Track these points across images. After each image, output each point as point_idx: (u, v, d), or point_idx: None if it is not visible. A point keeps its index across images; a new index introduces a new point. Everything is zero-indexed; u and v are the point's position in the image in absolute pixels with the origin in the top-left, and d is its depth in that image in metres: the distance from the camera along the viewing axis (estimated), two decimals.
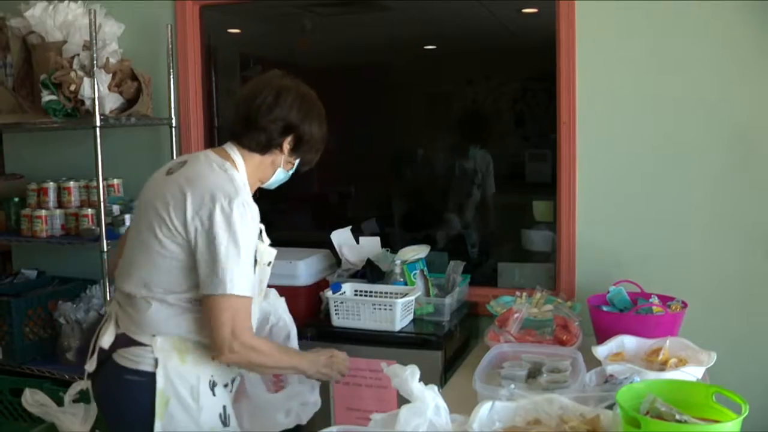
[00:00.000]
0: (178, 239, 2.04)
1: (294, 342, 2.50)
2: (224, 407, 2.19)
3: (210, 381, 2.15)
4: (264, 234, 2.23)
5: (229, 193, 2.04)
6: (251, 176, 2.22)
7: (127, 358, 2.12)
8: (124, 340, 2.13)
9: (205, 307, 2.04)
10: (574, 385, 2.01)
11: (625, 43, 2.98)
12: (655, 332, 2.32)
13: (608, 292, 2.73)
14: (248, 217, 2.05)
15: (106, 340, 2.15)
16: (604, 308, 2.67)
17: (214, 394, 2.15)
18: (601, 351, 2.21)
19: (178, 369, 2.09)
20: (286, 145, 2.23)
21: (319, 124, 2.27)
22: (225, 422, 2.19)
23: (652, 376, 1.97)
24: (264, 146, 2.21)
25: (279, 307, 2.50)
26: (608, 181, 3.05)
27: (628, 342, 2.27)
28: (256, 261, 2.13)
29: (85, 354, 2.31)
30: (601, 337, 2.44)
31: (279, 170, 2.28)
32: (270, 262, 2.26)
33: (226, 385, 2.23)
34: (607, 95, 3.01)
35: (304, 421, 2.46)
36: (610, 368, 2.04)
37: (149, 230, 2.09)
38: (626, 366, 2.02)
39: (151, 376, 2.08)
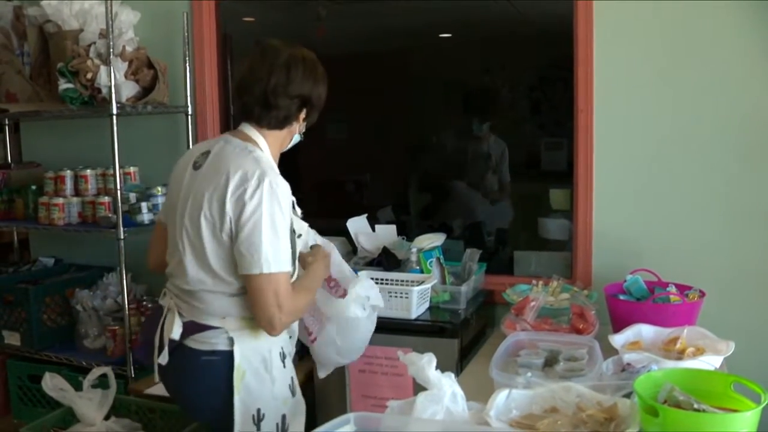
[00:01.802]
0: (225, 229, 2.07)
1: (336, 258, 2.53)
2: (292, 378, 2.28)
3: (280, 353, 2.22)
4: (296, 206, 2.27)
5: (259, 174, 2.06)
6: (274, 151, 2.25)
7: (200, 341, 2.16)
8: (193, 327, 2.17)
9: (248, 286, 2.08)
10: (591, 374, 2.01)
11: (644, 28, 2.95)
12: (673, 321, 2.30)
13: (625, 280, 2.72)
14: (280, 193, 2.08)
15: (176, 331, 2.17)
16: (621, 297, 2.66)
17: (284, 366, 2.23)
18: (617, 340, 2.20)
19: (252, 344, 2.15)
20: (302, 115, 2.27)
21: (324, 85, 2.31)
22: (293, 392, 2.27)
23: (670, 365, 1.96)
24: (283, 122, 2.24)
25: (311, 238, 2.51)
26: (625, 170, 3.03)
27: (645, 331, 2.25)
28: (293, 231, 2.17)
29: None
30: (618, 326, 2.43)
31: (295, 136, 2.33)
32: (300, 235, 2.28)
33: (291, 356, 2.31)
34: (625, 82, 2.99)
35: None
36: (627, 357, 2.03)
37: (194, 228, 2.11)
38: (643, 355, 2.02)
39: (227, 354, 2.13)
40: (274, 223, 2.05)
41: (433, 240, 3.13)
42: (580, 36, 3.02)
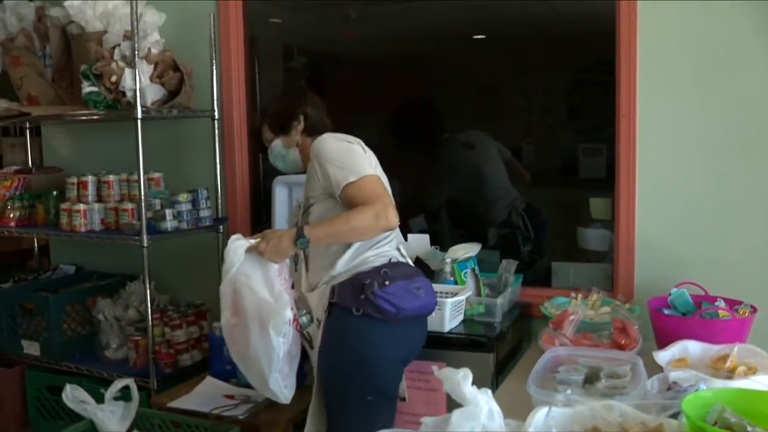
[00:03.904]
0: None
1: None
2: None
3: None
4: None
5: None
6: None
7: None
8: None
9: None
10: (635, 392, 1.98)
11: (691, 30, 2.92)
12: (722, 338, 2.28)
13: (670, 294, 2.69)
14: None
15: None
16: (666, 311, 2.63)
17: None
18: (662, 356, 2.18)
19: None
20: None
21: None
22: None
23: (720, 384, 1.93)
24: None
25: None
26: (670, 177, 3.00)
27: (692, 348, 2.23)
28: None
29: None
30: (662, 342, 2.40)
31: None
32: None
33: None
34: (670, 85, 2.96)
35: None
36: (674, 375, 2.01)
37: None
38: (691, 373, 1.99)
39: None
40: None
41: (468, 250, 3.12)
42: (623, 37, 3.00)
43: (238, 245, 2.55)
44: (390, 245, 2.65)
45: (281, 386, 2.60)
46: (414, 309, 2.55)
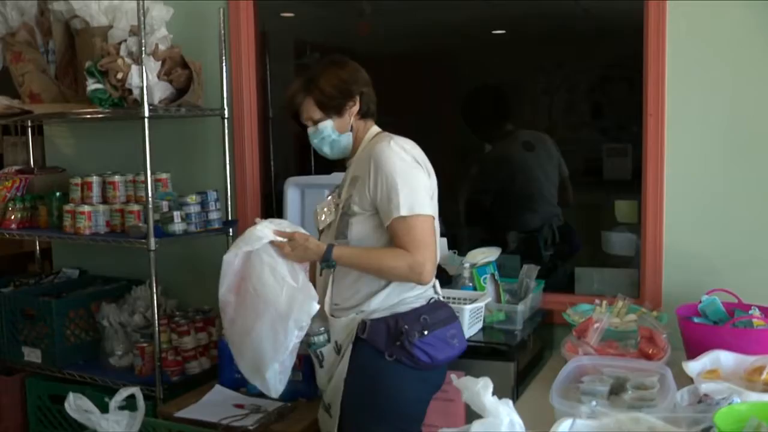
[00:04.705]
0: None
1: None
2: None
3: None
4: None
5: None
6: None
7: None
8: None
9: None
10: (664, 404, 1.97)
11: (722, 26, 2.91)
12: (756, 348, 2.26)
13: (700, 302, 2.68)
14: None
15: None
16: (696, 320, 2.62)
17: None
18: (693, 367, 2.17)
19: None
20: None
21: None
22: None
23: (755, 397, 1.92)
24: None
25: None
26: (700, 178, 2.98)
27: (724, 358, 2.22)
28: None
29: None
30: (692, 352, 2.39)
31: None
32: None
33: None
34: (700, 83, 2.95)
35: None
36: (705, 387, 1.99)
37: None
38: (724, 385, 1.98)
39: None
40: None
41: (487, 254, 3.11)
42: (651, 32, 2.98)
43: (264, 234, 2.47)
44: (430, 284, 2.59)
45: (277, 379, 2.56)
46: (446, 359, 2.55)
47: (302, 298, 2.46)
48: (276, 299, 2.46)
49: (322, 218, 2.66)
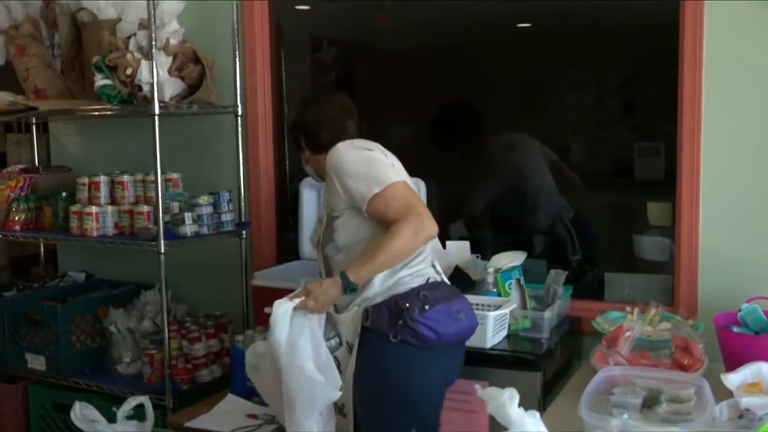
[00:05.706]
0: None
1: None
2: None
3: None
4: None
5: None
6: None
7: None
8: None
9: None
10: (701, 419, 1.96)
11: (761, 24, 2.88)
12: None
13: (740, 310, 2.66)
14: None
15: None
16: (735, 329, 2.60)
17: None
18: (732, 379, 2.15)
19: None
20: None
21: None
22: None
23: None
24: None
25: None
26: (738, 179, 2.97)
27: (766, 370, 2.20)
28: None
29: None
30: (732, 364, 2.38)
31: None
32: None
33: None
34: (739, 79, 2.93)
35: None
36: (746, 401, 1.98)
37: None
38: (766, 399, 1.96)
39: None
40: None
41: (512, 258, 3.10)
42: (688, 25, 2.96)
43: (286, 308, 2.47)
44: (425, 263, 2.63)
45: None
46: (455, 334, 2.55)
47: (325, 387, 2.45)
48: (300, 391, 2.46)
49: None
